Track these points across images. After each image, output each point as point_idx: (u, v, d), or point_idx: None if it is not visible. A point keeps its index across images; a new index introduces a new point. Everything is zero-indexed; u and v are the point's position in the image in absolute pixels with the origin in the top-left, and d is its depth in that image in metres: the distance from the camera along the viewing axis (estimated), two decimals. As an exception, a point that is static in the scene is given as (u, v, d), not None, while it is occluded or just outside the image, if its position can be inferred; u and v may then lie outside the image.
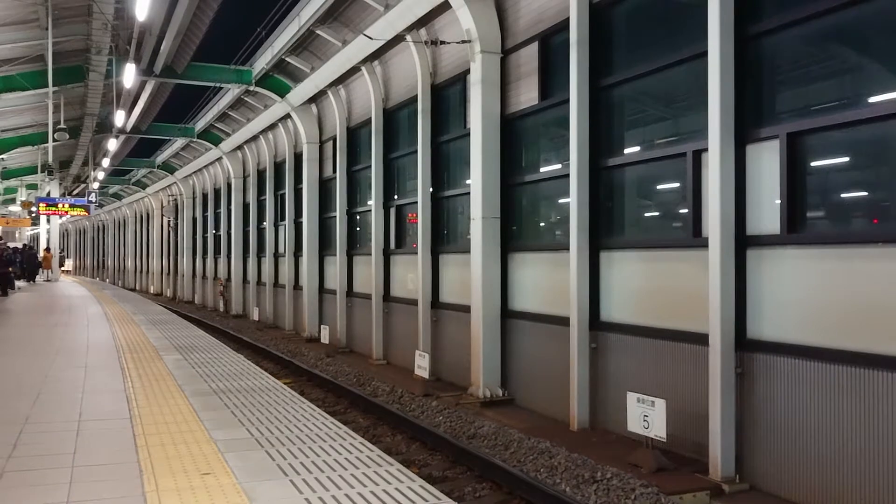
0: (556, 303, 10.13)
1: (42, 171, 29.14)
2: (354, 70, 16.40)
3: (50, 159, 25.30)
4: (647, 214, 9.61)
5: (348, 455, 4.81)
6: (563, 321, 9.72)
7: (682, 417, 7.91)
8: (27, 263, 32.76)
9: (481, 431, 9.31)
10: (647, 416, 7.67)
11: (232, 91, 23.04)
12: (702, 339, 7.60)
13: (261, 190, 26.65)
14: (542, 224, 11.43)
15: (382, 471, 4.46)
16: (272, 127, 23.79)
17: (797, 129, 6.86)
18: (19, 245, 39.94)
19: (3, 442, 5.11)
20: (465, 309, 12.04)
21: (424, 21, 13.23)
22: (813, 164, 6.98)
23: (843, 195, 7.10)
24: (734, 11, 7.33)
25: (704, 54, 7.54)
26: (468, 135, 11.89)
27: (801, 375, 6.75)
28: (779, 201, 6.99)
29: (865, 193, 6.91)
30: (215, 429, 5.51)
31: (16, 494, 4.05)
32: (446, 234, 13.83)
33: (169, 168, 38.59)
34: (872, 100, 6.43)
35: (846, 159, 7.00)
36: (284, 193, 23.16)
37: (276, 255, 24.80)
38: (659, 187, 9.23)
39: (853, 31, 6.71)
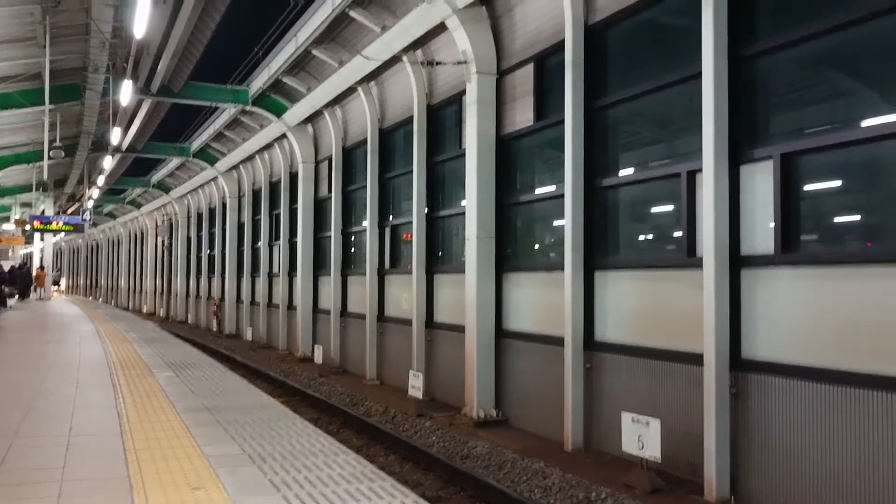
0: (551, 323, 10.11)
1: (37, 190, 29.09)
2: (351, 90, 16.49)
3: (45, 177, 25.26)
4: (641, 235, 9.64)
5: (342, 471, 4.77)
6: (558, 341, 9.70)
7: (677, 438, 7.87)
8: (20, 281, 32.63)
9: (475, 451, 9.25)
10: (641, 437, 7.64)
11: (228, 111, 23.10)
12: (696, 359, 7.59)
13: (256, 210, 26.65)
14: (536, 244, 11.44)
15: (376, 486, 4.42)
16: (268, 147, 23.83)
17: (791, 149, 6.91)
18: (15, 263, 39.80)
19: (-9, 456, 5.05)
20: (460, 329, 12.01)
21: (421, 42, 13.33)
22: (806, 184, 7.02)
23: (836, 215, 7.14)
24: (728, 33, 7.40)
25: (698, 75, 7.61)
26: (463, 155, 11.94)
27: (795, 395, 6.74)
28: (773, 221, 7.02)
29: (858, 214, 6.95)
30: (207, 444, 5.46)
31: (3, 508, 4.00)
32: (441, 255, 13.83)
33: (164, 187, 38.58)
34: (865, 122, 6.49)
35: (839, 180, 7.05)
36: (279, 213, 23.15)
37: (271, 275, 24.74)
38: (653, 208, 9.26)
39: (846, 53, 6.79)
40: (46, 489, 4.33)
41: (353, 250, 18.25)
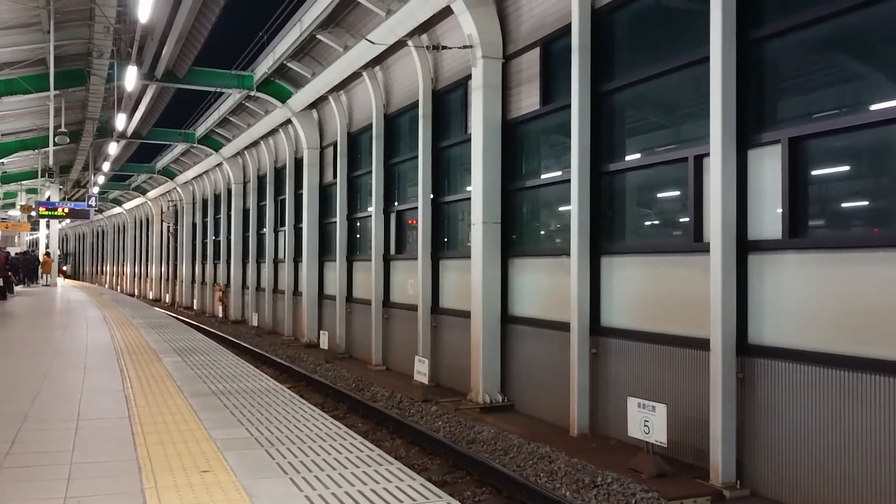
0: (557, 308, 10.11)
1: (42, 176, 29.11)
2: (356, 75, 16.43)
3: (50, 163, 25.27)
4: (648, 220, 9.61)
5: (348, 454, 4.79)
6: (564, 326, 9.70)
7: (683, 423, 7.88)
8: (25, 268, 32.79)
9: (481, 436, 9.28)
10: (647, 422, 7.64)
11: (233, 96, 23.06)
12: (703, 344, 7.58)
13: (261, 195, 26.65)
14: (542, 229, 11.42)
15: (383, 469, 4.44)
16: (273, 132, 23.81)
17: (799, 134, 6.86)
18: (18, 250, 39.95)
19: (0, 439, 5.08)
20: (465, 314, 12.02)
21: (426, 26, 13.26)
22: (814, 169, 6.97)
23: (844, 200, 7.10)
24: (736, 16, 7.34)
25: (706, 59, 7.55)
26: (469, 140, 11.90)
27: (802, 380, 6.73)
28: (780, 206, 6.98)
29: (866, 198, 6.91)
30: (214, 428, 5.48)
31: (14, 490, 4.02)
32: (446, 240, 13.82)
33: (169, 173, 38.61)
34: (874, 106, 6.44)
35: (847, 165, 7.00)
36: (285, 199, 23.15)
37: (276, 261, 24.78)
38: (660, 192, 9.22)
39: (855, 36, 6.72)
40: (56, 472, 4.36)
41: (358, 236, 18.26)
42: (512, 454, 8.47)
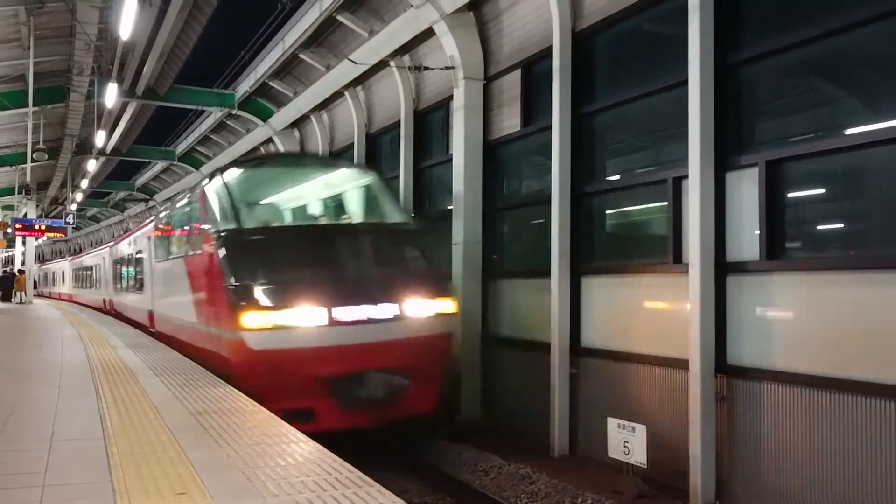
0: (537, 328, 10.11)
1: (19, 192, 28.81)
2: (338, 95, 16.46)
3: (28, 180, 25.02)
4: (627, 241, 9.67)
5: (327, 476, 4.73)
6: (544, 347, 9.69)
7: (663, 443, 7.89)
8: (3, 286, 32.42)
9: (461, 458, 9.22)
10: (627, 443, 7.65)
11: (214, 114, 23.01)
12: (682, 365, 7.61)
13: (241, 214, 26.47)
14: (523, 250, 11.45)
15: (362, 492, 4.39)
16: (254, 151, 23.73)
17: (776, 157, 6.96)
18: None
19: (-29, 461, 4.97)
20: (446, 334, 11.97)
21: (408, 47, 13.33)
22: (791, 192, 7.06)
23: (820, 222, 7.19)
24: (714, 41, 7.45)
25: (685, 83, 7.64)
26: (451, 160, 11.94)
27: (781, 401, 6.77)
28: (758, 228, 7.05)
29: (842, 221, 7.00)
30: (191, 449, 5.39)
31: (-16, 514, 3.94)
32: (427, 260, 13.78)
33: (148, 191, 38.33)
34: (849, 130, 6.55)
35: (824, 188, 7.10)
36: (265, 217, 23.01)
37: (256, 280, 24.58)
38: (639, 214, 9.29)
39: (830, 62, 6.85)
40: (28, 495, 4.26)
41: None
42: (493, 475, 8.43)
